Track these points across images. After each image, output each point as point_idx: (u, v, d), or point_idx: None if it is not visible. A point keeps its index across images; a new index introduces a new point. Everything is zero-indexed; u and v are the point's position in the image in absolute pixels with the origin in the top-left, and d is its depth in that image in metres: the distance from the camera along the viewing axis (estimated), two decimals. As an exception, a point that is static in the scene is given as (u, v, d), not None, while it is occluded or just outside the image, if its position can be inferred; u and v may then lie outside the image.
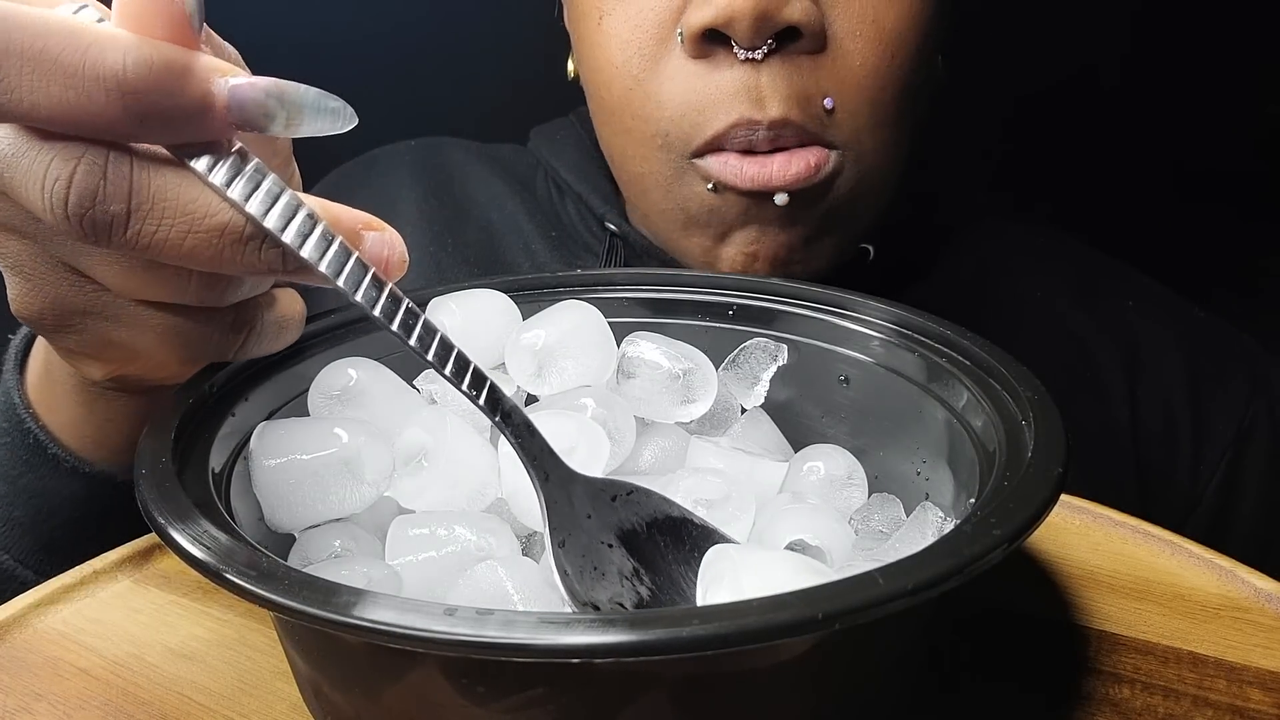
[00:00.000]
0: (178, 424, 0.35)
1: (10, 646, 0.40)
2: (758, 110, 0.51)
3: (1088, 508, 0.48)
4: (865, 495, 0.40)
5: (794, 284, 0.45)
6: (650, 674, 0.28)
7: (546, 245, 0.67)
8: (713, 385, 0.42)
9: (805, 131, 0.51)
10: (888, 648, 0.32)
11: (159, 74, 0.29)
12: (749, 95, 0.51)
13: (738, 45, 0.50)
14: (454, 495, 0.36)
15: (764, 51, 0.50)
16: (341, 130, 0.33)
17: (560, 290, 0.47)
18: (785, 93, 0.51)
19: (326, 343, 0.43)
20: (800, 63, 0.51)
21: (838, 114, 0.52)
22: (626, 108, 0.54)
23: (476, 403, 0.33)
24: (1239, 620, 0.40)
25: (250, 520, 0.36)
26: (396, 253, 0.34)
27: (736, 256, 0.55)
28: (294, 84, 0.32)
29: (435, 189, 0.70)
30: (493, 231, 0.68)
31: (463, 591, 0.31)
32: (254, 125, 0.31)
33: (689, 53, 0.52)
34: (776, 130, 0.51)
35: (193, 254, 0.32)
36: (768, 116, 0.51)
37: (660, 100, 0.53)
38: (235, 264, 0.32)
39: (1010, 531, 0.28)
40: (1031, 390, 0.36)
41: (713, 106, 0.51)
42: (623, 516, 0.35)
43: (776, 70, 0.51)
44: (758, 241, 0.54)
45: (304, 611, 0.26)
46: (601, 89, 0.56)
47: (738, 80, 0.51)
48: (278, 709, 0.37)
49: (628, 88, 0.54)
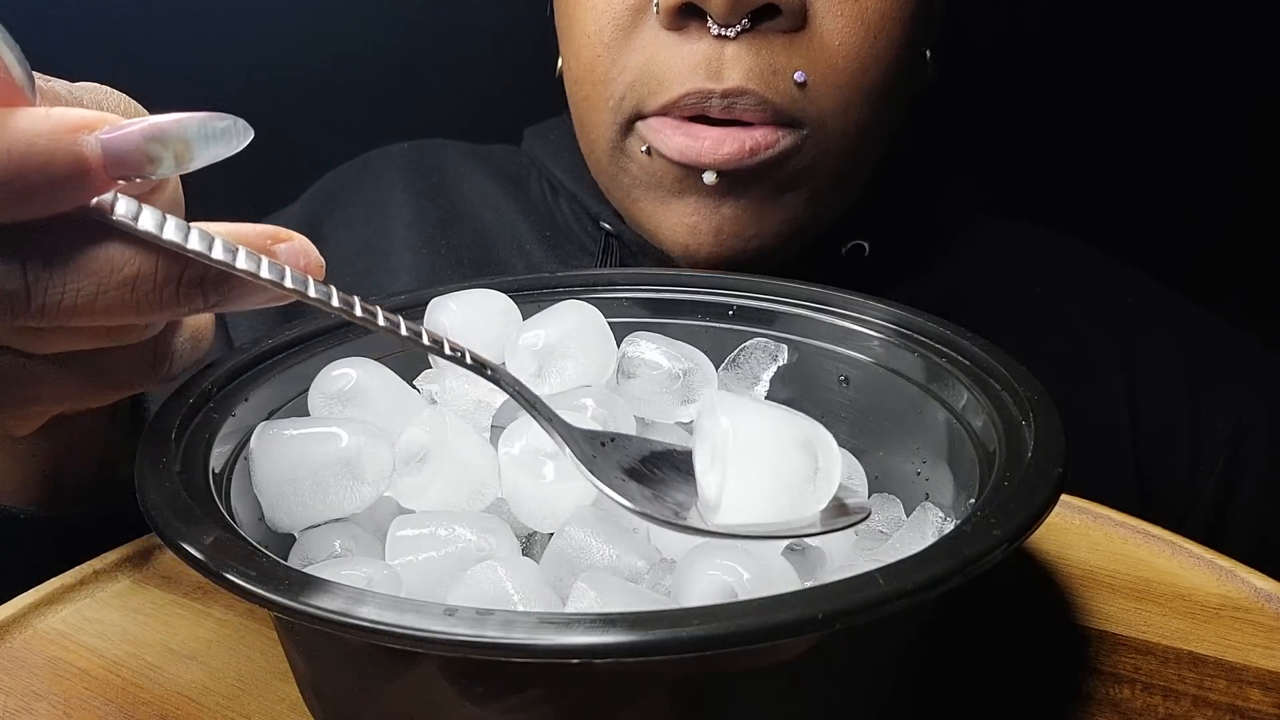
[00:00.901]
0: (178, 424, 0.35)
1: (10, 646, 0.40)
2: (714, 81, 0.51)
3: (1088, 508, 0.48)
4: (865, 495, 0.40)
5: (794, 284, 0.45)
6: (650, 674, 0.28)
7: (541, 245, 0.67)
8: (713, 385, 0.42)
9: (771, 105, 0.51)
10: (888, 648, 0.32)
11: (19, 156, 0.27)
12: (708, 68, 0.51)
13: (712, 21, 0.50)
14: (454, 495, 0.36)
15: (738, 30, 0.50)
16: (237, 149, 0.30)
17: (560, 290, 0.47)
18: (749, 65, 0.51)
19: (326, 343, 0.43)
20: (773, 40, 0.51)
21: (810, 89, 0.52)
22: (590, 74, 0.55)
23: (463, 363, 0.34)
24: (1239, 620, 0.40)
25: (250, 520, 0.36)
26: (312, 260, 0.32)
27: (678, 227, 0.55)
28: (171, 118, 0.29)
29: (428, 191, 0.70)
30: (486, 232, 0.68)
31: (462, 591, 0.31)
32: (139, 173, 0.29)
33: (663, 24, 0.52)
34: (731, 99, 0.51)
35: (109, 311, 0.30)
36: (723, 86, 0.51)
37: (624, 65, 0.53)
38: (154, 310, 0.30)
39: (1010, 531, 0.28)
40: (1031, 390, 0.36)
41: (672, 75, 0.52)
42: (618, 458, 0.35)
43: (745, 46, 0.51)
44: (697, 213, 0.54)
45: (304, 611, 0.26)
46: (572, 59, 0.56)
47: (702, 53, 0.51)
48: (278, 709, 0.37)
49: (596, 54, 0.54)
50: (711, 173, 0.52)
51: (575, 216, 0.67)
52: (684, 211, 0.54)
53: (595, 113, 0.56)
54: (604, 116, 0.55)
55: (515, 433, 0.37)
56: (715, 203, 0.54)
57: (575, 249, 0.66)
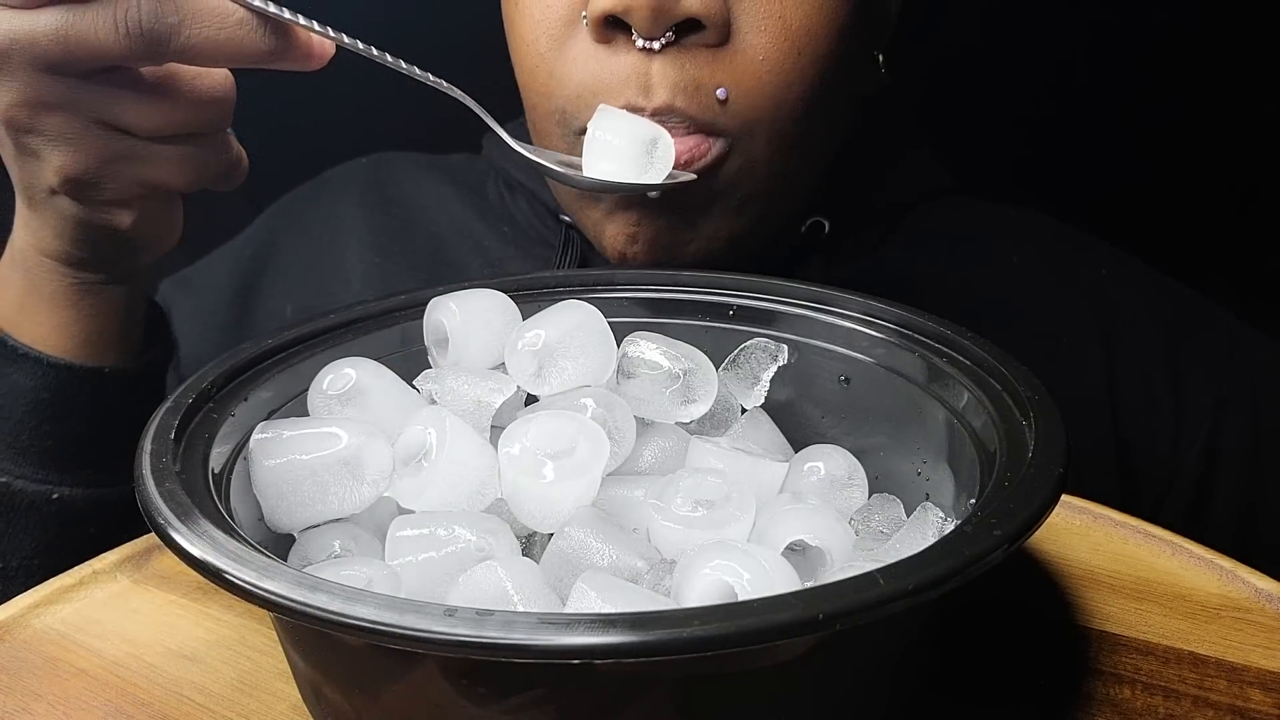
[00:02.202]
0: (177, 424, 0.35)
1: (10, 646, 0.40)
2: (644, 96, 0.52)
3: (1088, 508, 0.48)
4: (865, 495, 0.40)
5: (794, 284, 0.45)
6: (650, 674, 0.28)
7: (500, 241, 0.68)
8: (713, 385, 0.42)
9: (692, 119, 0.52)
10: (888, 648, 0.32)
11: None
12: (638, 82, 0.52)
13: (636, 34, 0.51)
14: (454, 495, 0.36)
15: (661, 43, 0.51)
16: None
17: (560, 290, 0.47)
18: (674, 80, 0.52)
19: (326, 343, 0.43)
20: (697, 54, 0.52)
21: (731, 104, 0.53)
22: (533, 84, 0.56)
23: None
24: (1239, 620, 0.40)
25: (250, 520, 0.36)
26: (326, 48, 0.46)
27: (618, 236, 0.56)
28: None
29: (383, 203, 0.72)
30: (441, 237, 0.70)
31: (462, 592, 0.31)
32: None
33: (592, 36, 0.53)
34: (661, 116, 0.52)
35: (223, 47, 0.43)
36: (652, 104, 0.52)
37: (560, 79, 0.55)
38: (250, 49, 0.43)
39: (1011, 532, 0.28)
40: (1031, 390, 0.36)
41: (606, 90, 0.53)
42: None
43: (669, 60, 0.52)
44: (637, 225, 0.56)
45: (304, 611, 0.26)
46: (517, 66, 0.58)
47: (630, 67, 0.52)
48: (278, 709, 0.37)
49: (534, 65, 0.56)
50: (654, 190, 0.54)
51: (534, 212, 0.68)
52: (626, 221, 0.56)
53: (543, 123, 0.57)
54: (552, 128, 0.56)
55: (515, 433, 0.36)
56: (654, 214, 0.55)
57: (534, 242, 0.67)
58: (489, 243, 0.68)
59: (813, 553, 0.35)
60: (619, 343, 0.42)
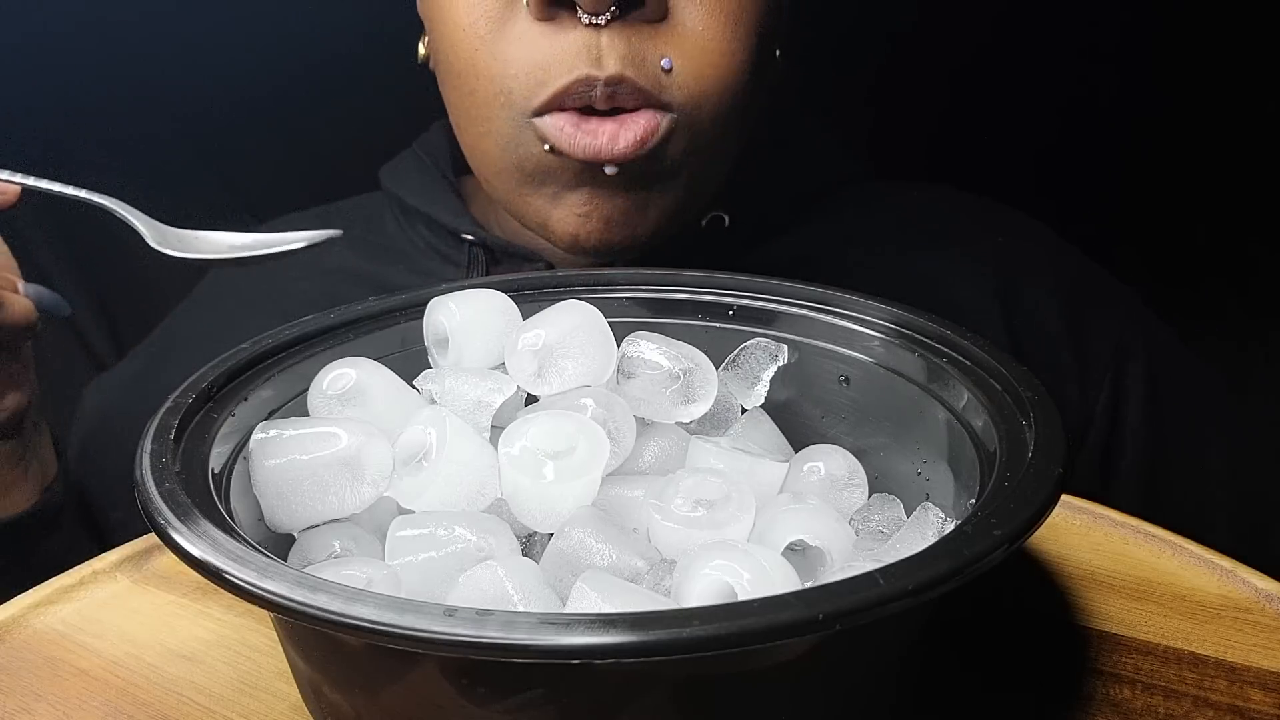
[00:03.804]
0: (177, 424, 0.35)
1: (10, 646, 0.40)
2: (596, 68, 0.53)
3: (1088, 508, 0.48)
4: (865, 495, 0.40)
5: (794, 284, 0.45)
6: (650, 674, 0.28)
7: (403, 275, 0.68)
8: (713, 385, 0.42)
9: (641, 91, 0.53)
10: (888, 648, 0.32)
11: None
12: (589, 54, 0.53)
13: (581, 10, 0.52)
14: (454, 495, 0.36)
15: (607, 17, 0.52)
16: None
17: (560, 290, 0.47)
18: (623, 52, 0.53)
19: (326, 343, 0.43)
20: (640, 29, 0.53)
21: (676, 75, 0.54)
22: (472, 69, 0.56)
23: None
24: (1239, 620, 0.40)
25: (250, 520, 0.36)
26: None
27: (569, 218, 0.56)
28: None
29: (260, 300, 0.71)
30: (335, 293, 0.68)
31: (462, 592, 0.31)
32: None
33: (534, 15, 0.53)
34: (613, 87, 0.53)
35: None
36: (604, 73, 0.52)
37: (505, 59, 0.55)
38: None
39: (1011, 532, 0.28)
40: (1031, 390, 0.36)
41: (555, 65, 0.53)
42: None
43: (617, 33, 0.53)
44: (590, 203, 0.56)
45: (304, 611, 0.26)
46: (450, 53, 0.57)
47: (579, 41, 0.53)
48: (278, 709, 0.37)
49: (474, 49, 0.55)
50: (612, 165, 0.54)
51: (435, 235, 0.68)
52: (576, 203, 0.56)
53: (482, 108, 0.57)
54: (494, 112, 0.56)
55: (515, 433, 0.36)
56: (609, 192, 0.56)
57: (440, 264, 0.68)
58: (392, 280, 0.68)
59: (813, 553, 0.35)
60: (619, 343, 0.42)
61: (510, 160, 0.57)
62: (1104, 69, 0.95)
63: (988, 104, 0.95)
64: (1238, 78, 0.93)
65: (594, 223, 0.56)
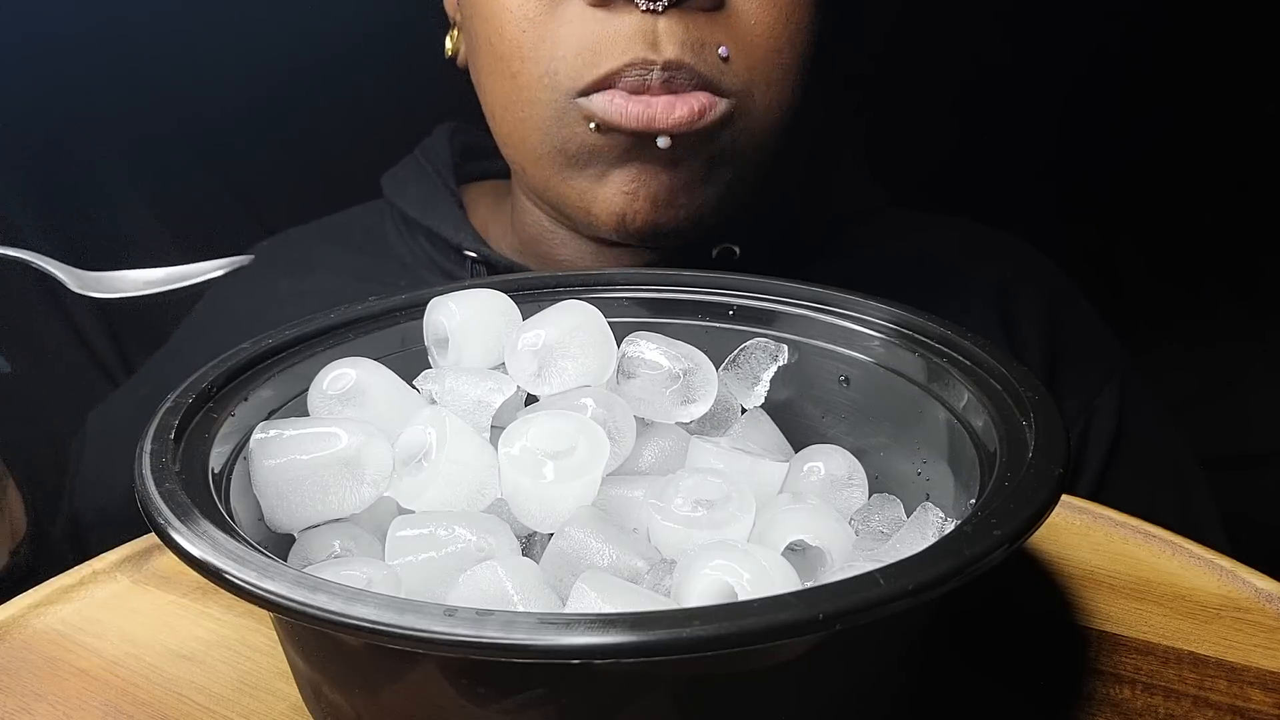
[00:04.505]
0: (177, 424, 0.35)
1: (10, 646, 0.40)
2: (653, 51, 0.52)
3: (1088, 508, 0.48)
4: (865, 495, 0.40)
5: (794, 284, 0.45)
6: (650, 674, 0.28)
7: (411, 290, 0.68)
8: (713, 385, 0.42)
9: (699, 76, 0.53)
10: (888, 648, 0.32)
11: None
12: (645, 38, 0.52)
13: None
14: (454, 495, 0.36)
15: (664, 4, 0.52)
16: None
17: (560, 290, 0.47)
18: (681, 38, 0.52)
19: (326, 343, 0.43)
20: (697, 16, 0.53)
21: (733, 63, 0.54)
22: (517, 51, 0.55)
23: None
24: (1239, 620, 0.40)
25: (250, 520, 0.36)
26: None
27: (615, 196, 0.56)
28: None
29: (280, 286, 0.71)
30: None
31: (462, 592, 0.31)
32: None
33: (590, 1, 0.53)
34: (670, 71, 0.52)
35: None
36: (663, 57, 0.52)
37: (555, 40, 0.54)
38: None
39: (1011, 532, 0.28)
40: (1032, 390, 0.36)
41: (609, 46, 0.53)
42: None
43: (674, 19, 0.53)
44: (637, 179, 0.55)
45: (304, 611, 0.26)
46: (492, 36, 0.56)
47: (635, 25, 0.52)
48: (278, 709, 0.37)
49: (521, 30, 0.55)
50: (665, 137, 0.54)
51: (436, 248, 0.68)
52: (623, 180, 0.56)
53: (523, 91, 0.56)
54: (537, 95, 0.55)
55: (515, 433, 0.36)
56: (656, 169, 0.55)
57: (440, 278, 0.67)
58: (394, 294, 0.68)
59: (813, 553, 0.35)
60: (619, 343, 0.42)
61: (553, 143, 0.56)
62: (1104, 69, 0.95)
63: (988, 105, 0.95)
64: (1237, 78, 0.93)
65: (640, 201, 0.55)
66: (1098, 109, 0.96)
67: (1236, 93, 0.93)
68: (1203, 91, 0.94)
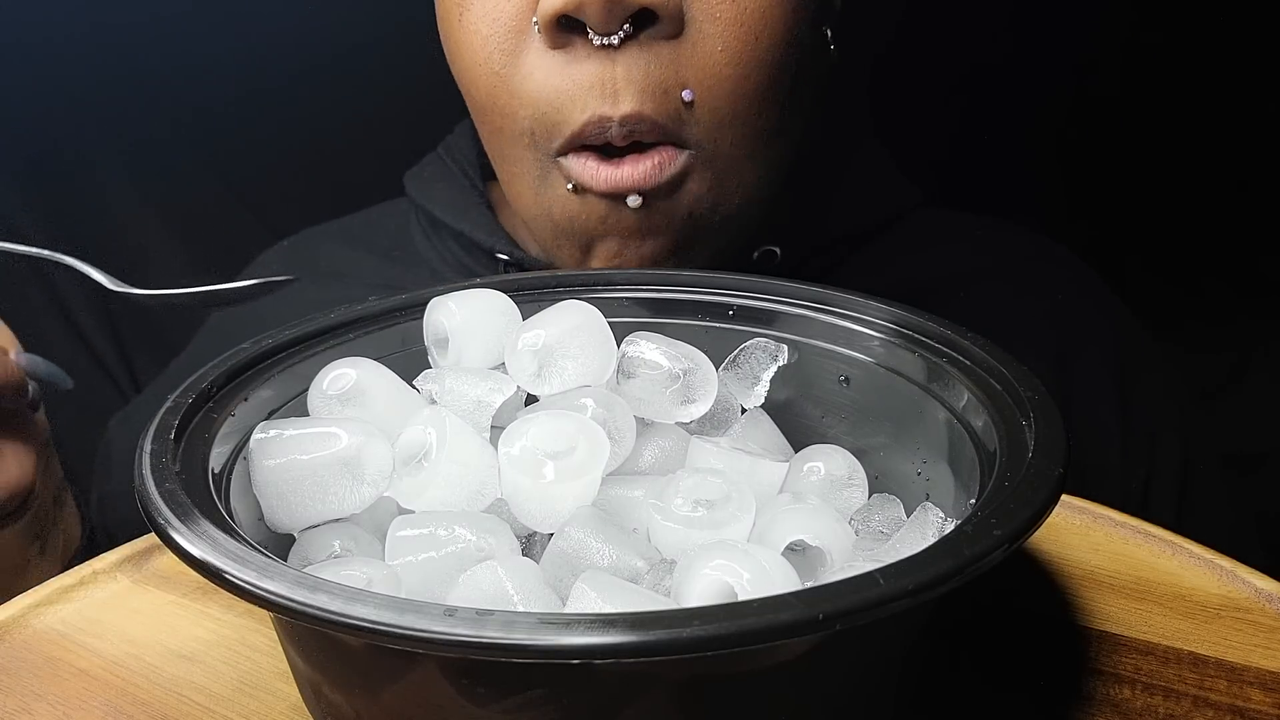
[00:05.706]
0: (177, 424, 0.35)
1: (10, 646, 0.40)
2: (610, 105, 0.50)
3: (1088, 508, 0.48)
4: (865, 495, 0.40)
5: (794, 284, 0.45)
6: (650, 674, 0.28)
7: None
8: (713, 385, 0.42)
9: (660, 127, 0.51)
10: (888, 648, 0.32)
11: None
12: (603, 89, 0.50)
13: (593, 31, 0.49)
14: (454, 495, 0.36)
15: (620, 37, 0.50)
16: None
17: (560, 290, 0.47)
18: (640, 84, 0.50)
19: (326, 343, 0.43)
20: (659, 50, 0.51)
21: (697, 108, 0.52)
22: (493, 105, 0.54)
23: None
24: (1239, 620, 0.40)
25: (250, 520, 0.36)
26: None
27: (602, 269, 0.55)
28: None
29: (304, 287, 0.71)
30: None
31: (462, 592, 0.31)
32: None
33: (546, 43, 0.51)
34: (629, 125, 0.51)
35: None
36: (619, 112, 0.50)
37: (521, 96, 0.53)
38: None
39: (1011, 532, 0.28)
40: (1032, 390, 0.36)
41: (569, 102, 0.51)
42: None
43: (633, 60, 0.50)
44: (620, 254, 0.55)
45: (304, 611, 0.26)
46: (470, 88, 0.56)
47: (593, 73, 0.50)
48: (278, 709, 0.37)
49: (492, 85, 0.54)
50: (635, 196, 0.52)
51: (464, 249, 0.66)
52: (606, 255, 0.55)
53: (511, 147, 0.55)
54: (523, 152, 0.54)
55: (515, 433, 0.36)
56: (636, 242, 0.54)
57: (467, 279, 0.66)
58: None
59: (813, 553, 0.35)
60: (619, 343, 0.42)
61: (541, 207, 0.56)
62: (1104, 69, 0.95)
63: (988, 105, 0.95)
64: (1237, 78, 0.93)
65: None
66: (1097, 109, 0.96)
67: (1236, 92, 0.93)
68: (1203, 91, 0.94)
